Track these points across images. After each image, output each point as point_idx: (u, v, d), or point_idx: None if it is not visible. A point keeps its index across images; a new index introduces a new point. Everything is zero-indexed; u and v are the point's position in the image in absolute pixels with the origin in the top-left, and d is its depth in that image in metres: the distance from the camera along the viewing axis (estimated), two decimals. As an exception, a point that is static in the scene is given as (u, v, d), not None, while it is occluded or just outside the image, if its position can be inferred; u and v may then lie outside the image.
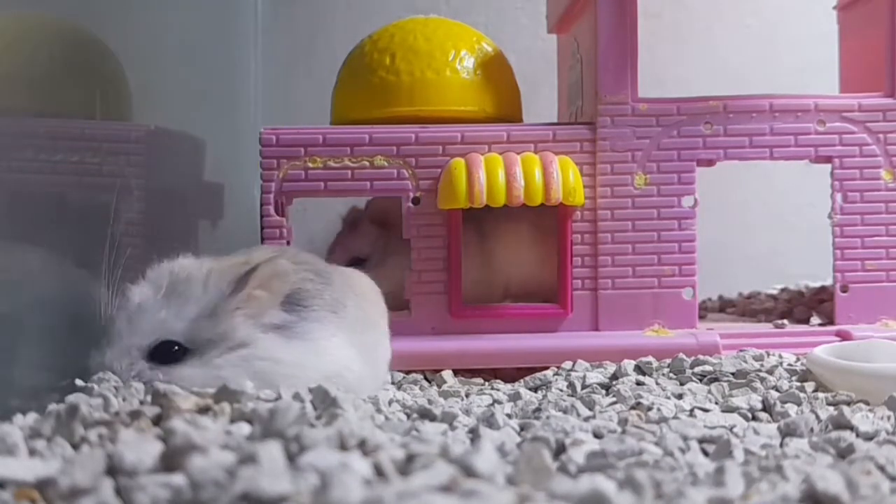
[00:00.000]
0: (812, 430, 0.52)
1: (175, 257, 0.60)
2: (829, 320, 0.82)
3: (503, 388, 0.69)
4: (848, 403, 0.58)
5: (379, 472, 0.37)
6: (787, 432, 0.52)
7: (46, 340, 0.56)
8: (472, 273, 0.81)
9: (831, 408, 0.57)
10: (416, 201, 0.78)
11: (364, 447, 0.42)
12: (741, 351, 0.73)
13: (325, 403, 0.50)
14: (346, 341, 0.60)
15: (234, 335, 0.56)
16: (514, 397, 0.64)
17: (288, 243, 0.77)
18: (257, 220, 0.78)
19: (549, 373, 0.72)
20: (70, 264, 0.60)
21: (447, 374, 0.74)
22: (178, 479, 0.36)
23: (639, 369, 0.70)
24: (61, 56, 0.62)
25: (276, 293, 0.58)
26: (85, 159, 0.63)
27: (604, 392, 0.65)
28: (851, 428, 0.52)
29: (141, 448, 0.39)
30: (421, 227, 0.78)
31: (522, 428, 0.53)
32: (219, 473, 0.35)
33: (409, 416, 0.58)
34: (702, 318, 0.85)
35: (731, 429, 0.53)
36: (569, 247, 0.79)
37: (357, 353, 0.61)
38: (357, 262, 0.84)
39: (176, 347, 0.56)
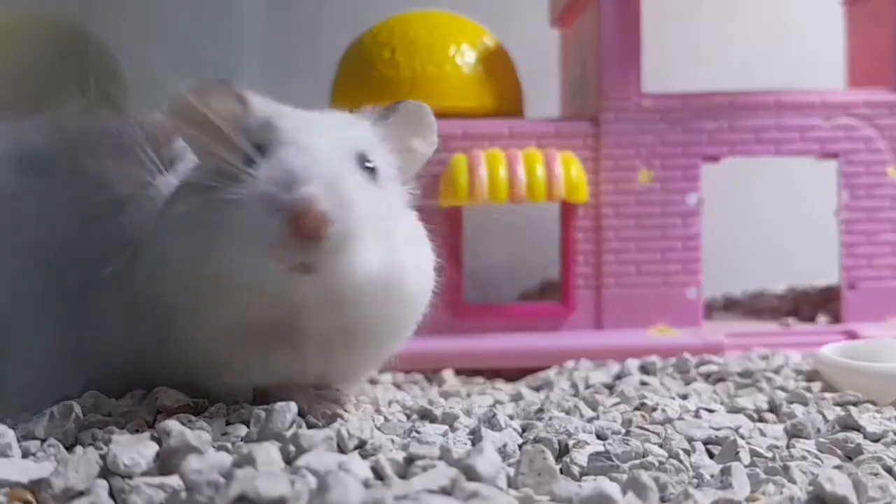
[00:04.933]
0: (819, 430, 0.52)
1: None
2: (836, 319, 0.82)
3: (505, 388, 0.69)
4: (855, 404, 0.58)
5: (378, 474, 0.37)
6: (794, 433, 0.51)
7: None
8: None
9: (838, 408, 0.57)
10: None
11: (363, 449, 0.42)
12: (747, 350, 0.72)
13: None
14: None
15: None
16: (516, 397, 0.64)
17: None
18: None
19: (551, 372, 0.71)
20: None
21: (448, 374, 0.73)
22: (173, 481, 0.36)
23: (643, 369, 0.69)
24: (56, 51, 0.62)
25: None
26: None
27: (607, 392, 0.64)
28: (859, 429, 0.51)
29: (135, 449, 0.38)
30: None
31: (524, 429, 0.53)
32: (215, 475, 0.35)
33: (409, 416, 0.57)
34: (707, 317, 0.84)
35: (737, 430, 0.52)
36: (572, 244, 0.78)
37: None
38: None
39: (369, 163, 0.48)
